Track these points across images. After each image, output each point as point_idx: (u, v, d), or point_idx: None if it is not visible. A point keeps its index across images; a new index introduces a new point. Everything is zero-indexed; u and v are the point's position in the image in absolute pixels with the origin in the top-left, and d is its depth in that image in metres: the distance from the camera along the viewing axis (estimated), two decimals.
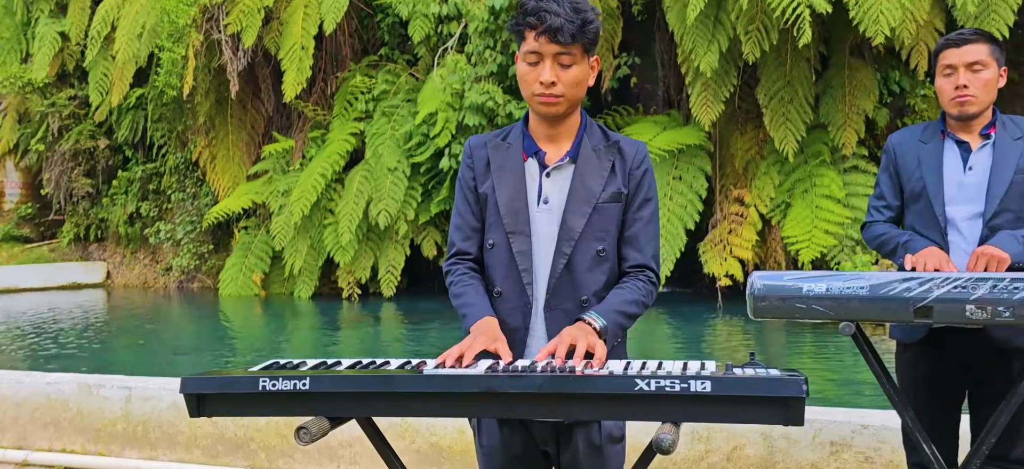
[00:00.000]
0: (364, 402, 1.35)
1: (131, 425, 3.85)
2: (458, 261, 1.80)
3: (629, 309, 1.69)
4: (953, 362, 2.39)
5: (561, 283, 1.69)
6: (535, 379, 1.30)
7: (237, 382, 1.38)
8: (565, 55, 1.66)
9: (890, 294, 2.03)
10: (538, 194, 1.73)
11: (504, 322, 1.71)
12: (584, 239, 1.70)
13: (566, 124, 1.76)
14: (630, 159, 1.75)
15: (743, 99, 11.25)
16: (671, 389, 1.24)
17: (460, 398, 1.32)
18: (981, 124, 2.40)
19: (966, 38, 2.36)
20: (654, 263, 1.77)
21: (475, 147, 1.81)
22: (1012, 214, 2.32)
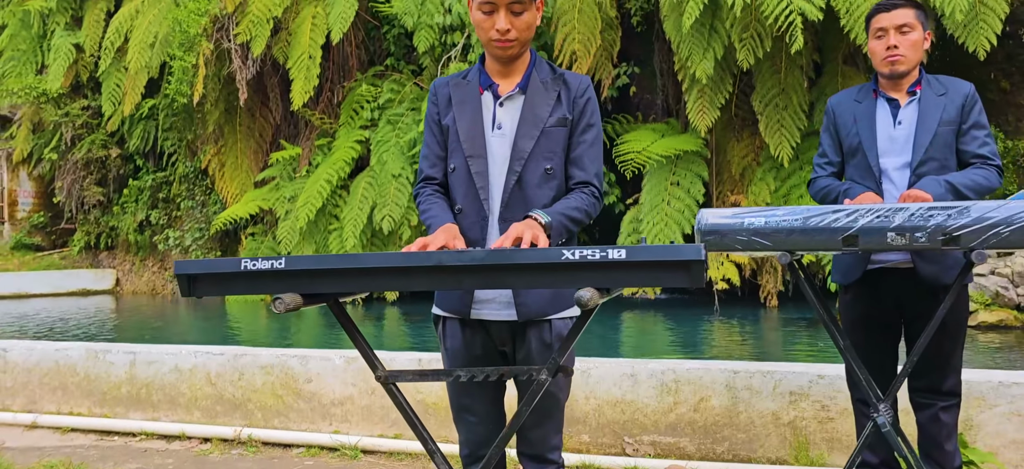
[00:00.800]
0: (333, 278, 1.55)
1: (135, 388, 4.05)
2: (425, 185, 2.02)
3: (573, 213, 1.89)
4: (888, 301, 2.58)
5: (513, 198, 1.90)
6: (477, 254, 1.50)
7: (222, 264, 1.59)
8: (516, 4, 1.88)
9: (820, 225, 2.23)
10: (492, 121, 1.94)
11: (465, 235, 1.92)
12: (533, 159, 1.90)
13: (517, 62, 1.98)
14: (574, 89, 1.97)
15: (739, 106, 11.47)
16: (592, 258, 1.44)
17: (416, 272, 1.52)
18: (908, 82, 2.61)
19: (895, 3, 2.57)
20: (596, 181, 1.98)
21: (439, 86, 2.04)
22: (937, 162, 2.53)
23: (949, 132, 2.54)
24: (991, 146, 2.57)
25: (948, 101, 2.57)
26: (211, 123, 14.45)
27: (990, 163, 2.54)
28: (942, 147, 2.52)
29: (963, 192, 2.48)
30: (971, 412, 3.00)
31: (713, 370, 3.29)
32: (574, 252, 1.46)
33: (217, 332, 10.69)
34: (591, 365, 3.46)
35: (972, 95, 2.58)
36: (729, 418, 3.26)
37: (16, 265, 17.72)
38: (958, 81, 2.63)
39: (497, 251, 1.50)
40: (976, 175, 2.51)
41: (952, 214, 2.12)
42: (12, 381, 4.30)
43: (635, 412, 3.37)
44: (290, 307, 1.55)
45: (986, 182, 2.51)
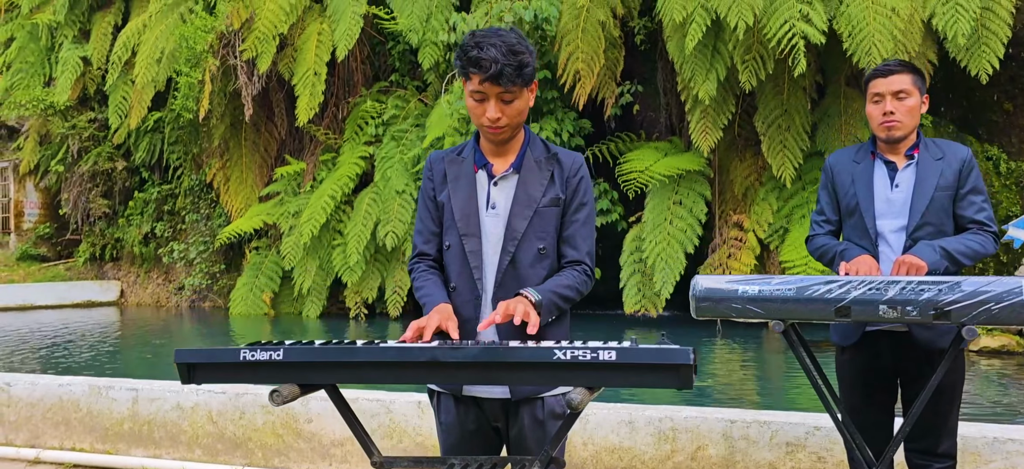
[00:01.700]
0: (329, 370, 1.59)
1: (137, 425, 4.09)
2: (420, 260, 2.05)
3: (564, 291, 1.93)
4: (884, 364, 2.60)
5: (507, 278, 1.93)
6: (471, 350, 1.53)
7: (222, 353, 1.62)
8: (506, 93, 1.91)
9: (814, 295, 2.26)
10: (487, 200, 1.97)
11: (458, 313, 1.95)
12: (526, 239, 1.94)
13: (512, 141, 2.01)
14: (567, 168, 2.00)
15: (742, 126, 11.49)
16: (583, 358, 1.47)
17: (410, 366, 1.55)
18: (906, 146, 2.64)
19: (892, 69, 2.60)
20: (588, 259, 2.01)
21: (435, 161, 2.07)
22: (933, 227, 2.55)
23: (946, 197, 2.57)
24: (988, 212, 2.59)
25: (945, 166, 2.59)
26: (217, 137, 14.53)
27: (986, 229, 2.56)
28: (938, 211, 2.54)
29: (958, 258, 2.50)
30: (967, 467, 3.01)
31: (710, 419, 3.32)
32: (565, 352, 1.49)
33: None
34: (589, 411, 3.48)
35: (969, 160, 2.61)
36: (726, 467, 3.28)
37: (22, 276, 17.81)
38: (956, 145, 2.65)
39: (490, 349, 1.53)
40: (972, 241, 2.54)
41: (943, 289, 2.15)
42: (15, 415, 4.34)
43: (633, 459, 3.39)
44: (287, 399, 1.59)
45: (981, 248, 2.54)
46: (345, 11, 12.91)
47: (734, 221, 11.35)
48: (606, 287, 12.95)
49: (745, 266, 10.88)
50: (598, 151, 12.16)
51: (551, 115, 12.15)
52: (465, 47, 1.91)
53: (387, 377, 1.57)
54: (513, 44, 1.89)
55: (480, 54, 1.87)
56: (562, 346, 1.50)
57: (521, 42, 1.92)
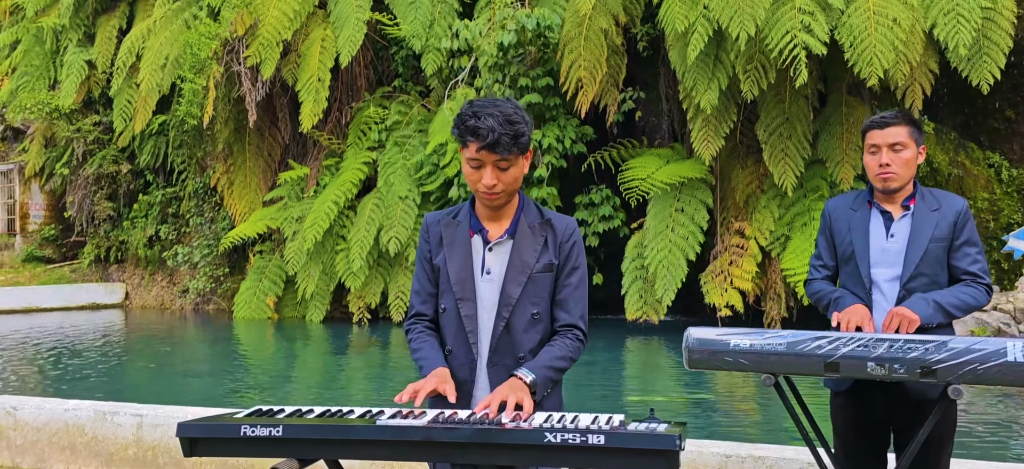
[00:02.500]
0: (327, 447, 1.64)
1: (142, 450, 4.15)
2: (416, 321, 2.10)
3: (557, 364, 1.98)
4: (877, 411, 2.65)
5: (501, 342, 1.98)
6: (465, 431, 1.59)
7: (223, 428, 1.67)
8: (502, 162, 1.97)
9: (804, 351, 2.30)
10: (482, 266, 2.02)
11: (454, 376, 2.00)
12: (520, 304, 1.99)
13: (506, 206, 2.06)
14: (561, 234, 2.05)
15: (744, 134, 11.52)
16: (573, 441, 1.52)
17: (405, 445, 1.61)
18: (903, 196, 2.67)
19: (888, 122, 2.63)
20: (581, 323, 2.06)
21: (431, 224, 2.12)
22: (927, 278, 2.59)
23: (940, 248, 2.60)
24: (982, 264, 2.62)
25: (941, 217, 2.62)
26: (221, 142, 14.60)
27: (979, 281, 2.59)
28: (933, 263, 2.58)
29: (950, 311, 2.54)
30: None
31: (706, 453, 3.36)
32: (556, 436, 1.54)
33: (223, 356, 10.82)
34: None
35: (965, 213, 2.63)
36: None
37: (27, 277, 17.92)
38: (951, 197, 2.68)
39: (484, 430, 1.58)
40: (964, 293, 2.57)
41: (929, 348, 2.19)
42: (22, 439, 4.41)
43: None
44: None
45: (973, 301, 2.57)
46: (348, 17, 12.96)
47: (736, 228, 11.38)
48: (608, 292, 13.01)
49: (747, 273, 10.92)
50: (600, 158, 12.20)
51: (553, 122, 12.20)
52: (463, 116, 1.96)
53: (383, 454, 1.63)
54: (510, 114, 1.94)
55: (478, 123, 1.92)
56: (553, 428, 1.55)
57: (518, 112, 1.97)
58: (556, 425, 1.60)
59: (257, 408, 1.86)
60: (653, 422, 1.66)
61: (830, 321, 2.66)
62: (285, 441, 1.64)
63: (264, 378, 9.02)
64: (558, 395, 2.06)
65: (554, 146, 11.92)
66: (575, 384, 8.23)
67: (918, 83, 9.60)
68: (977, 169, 11.75)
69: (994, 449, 5.06)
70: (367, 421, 1.66)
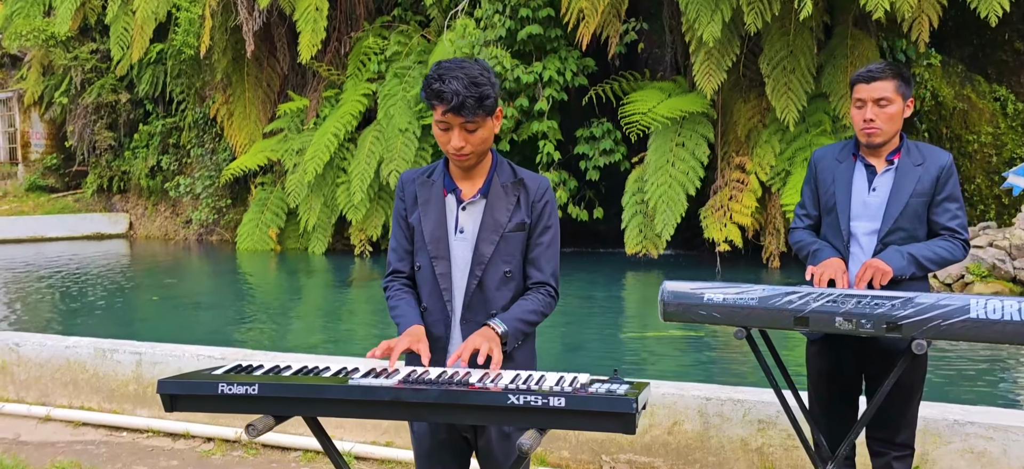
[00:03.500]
0: (300, 405, 1.71)
1: (141, 387, 4.27)
2: (394, 278, 2.15)
3: (529, 317, 2.03)
4: (849, 360, 2.71)
5: (474, 300, 2.03)
6: (431, 392, 1.65)
7: (201, 386, 1.74)
8: (470, 123, 1.98)
9: (775, 305, 2.35)
10: (455, 225, 2.06)
11: (430, 332, 2.06)
12: (493, 263, 2.03)
13: (479, 166, 2.09)
14: (533, 193, 2.08)
15: (747, 67, 11.37)
16: (535, 404, 1.58)
17: (375, 404, 1.67)
18: (888, 150, 2.67)
19: (874, 75, 2.61)
20: (553, 280, 2.11)
21: (406, 182, 2.15)
22: (905, 233, 2.61)
23: (921, 203, 2.61)
24: (961, 219, 2.64)
25: (924, 172, 2.62)
26: (219, 72, 14.48)
27: (957, 237, 2.61)
28: (912, 217, 2.59)
29: (925, 264, 2.57)
30: (927, 447, 3.15)
31: (686, 396, 3.45)
32: (519, 397, 1.60)
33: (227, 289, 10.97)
34: None
35: (948, 167, 2.63)
36: (701, 442, 3.43)
37: (31, 207, 18.04)
38: (936, 151, 2.68)
39: (450, 391, 1.64)
40: (940, 248, 2.59)
41: (896, 305, 2.24)
42: (26, 374, 4.53)
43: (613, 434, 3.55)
44: (262, 431, 1.71)
45: (949, 255, 2.59)
46: None
47: (736, 163, 11.34)
48: (608, 226, 13.07)
49: (746, 208, 10.93)
50: (602, 91, 12.08)
51: (554, 54, 12.05)
52: (429, 79, 1.97)
53: (355, 412, 1.69)
54: (475, 76, 1.95)
55: (442, 87, 1.93)
56: (518, 390, 1.61)
57: (484, 74, 1.97)
58: (521, 386, 1.66)
59: (237, 364, 1.92)
60: (616, 382, 1.72)
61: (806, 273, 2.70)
62: (261, 399, 1.70)
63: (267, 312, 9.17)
64: (531, 347, 2.12)
65: (555, 79, 11.81)
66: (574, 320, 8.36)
67: (925, 14, 9.42)
68: (982, 102, 11.62)
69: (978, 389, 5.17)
70: (340, 380, 1.73)
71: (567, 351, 7.03)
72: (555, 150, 11.95)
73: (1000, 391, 5.23)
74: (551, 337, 7.55)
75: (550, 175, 12.01)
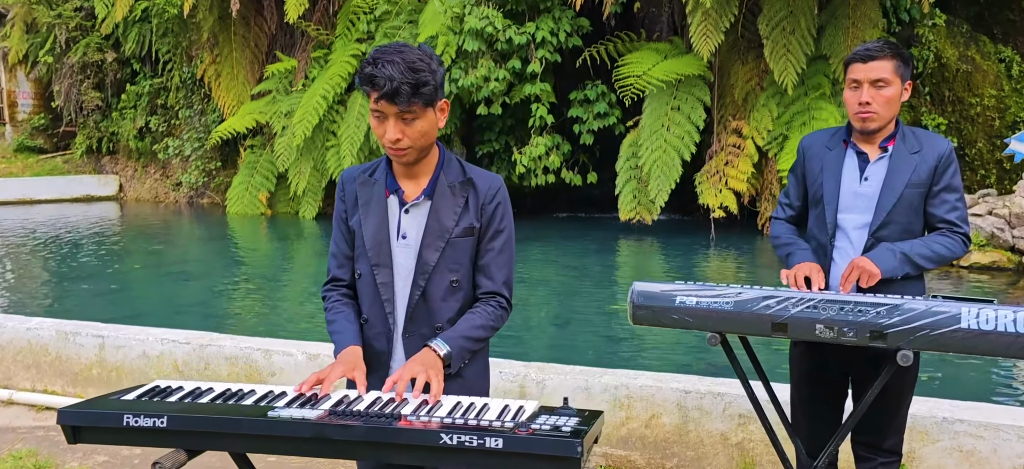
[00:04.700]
0: (213, 439, 1.55)
1: (105, 371, 4.13)
2: (333, 288, 1.97)
3: (476, 333, 1.85)
4: (834, 362, 2.54)
5: (418, 311, 1.86)
6: (358, 429, 1.48)
7: (105, 417, 1.58)
8: (406, 113, 1.78)
9: (752, 310, 2.18)
10: (397, 229, 1.87)
11: (371, 346, 1.89)
12: (438, 271, 1.85)
13: (424, 163, 1.89)
14: (483, 194, 1.88)
15: (746, 28, 11.06)
16: (469, 445, 1.42)
17: (295, 441, 1.51)
18: (881, 137, 2.45)
19: (872, 54, 2.38)
20: (505, 289, 1.92)
21: (347, 181, 1.95)
22: (899, 226, 2.40)
23: (917, 195, 2.40)
24: (961, 211, 2.42)
25: (920, 160, 2.41)
26: (205, 31, 14.15)
27: (956, 230, 2.40)
28: (907, 210, 2.38)
29: (920, 263, 2.37)
30: (915, 445, 3.01)
31: (665, 388, 3.30)
32: (452, 437, 1.44)
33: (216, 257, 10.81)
34: (545, 376, 3.48)
35: (947, 156, 2.42)
36: (679, 436, 3.29)
37: (20, 168, 17.81)
38: (935, 138, 2.47)
39: (377, 429, 1.48)
40: (937, 244, 2.39)
41: (881, 312, 2.07)
42: None
43: None
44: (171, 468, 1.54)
45: (947, 252, 2.39)
46: None
47: (733, 127, 11.09)
48: (602, 190, 12.86)
49: (742, 173, 10.71)
50: (596, 52, 11.78)
51: (548, 13, 11.72)
52: (364, 63, 1.78)
53: (273, 448, 1.53)
54: (413, 62, 1.76)
55: (375, 71, 1.74)
56: (454, 425, 1.45)
57: (424, 60, 1.78)
58: (457, 421, 1.50)
59: (155, 384, 1.75)
60: (564, 415, 1.55)
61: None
62: (169, 432, 1.54)
63: (254, 282, 9.02)
64: (482, 362, 1.95)
65: (548, 40, 11.50)
66: (564, 292, 8.21)
67: None
68: (987, 64, 11.33)
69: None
70: (259, 411, 1.56)
71: (555, 326, 6.89)
72: (548, 113, 11.70)
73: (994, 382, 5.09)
74: (539, 310, 7.40)
75: (543, 139, 11.79)
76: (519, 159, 11.91)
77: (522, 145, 12.17)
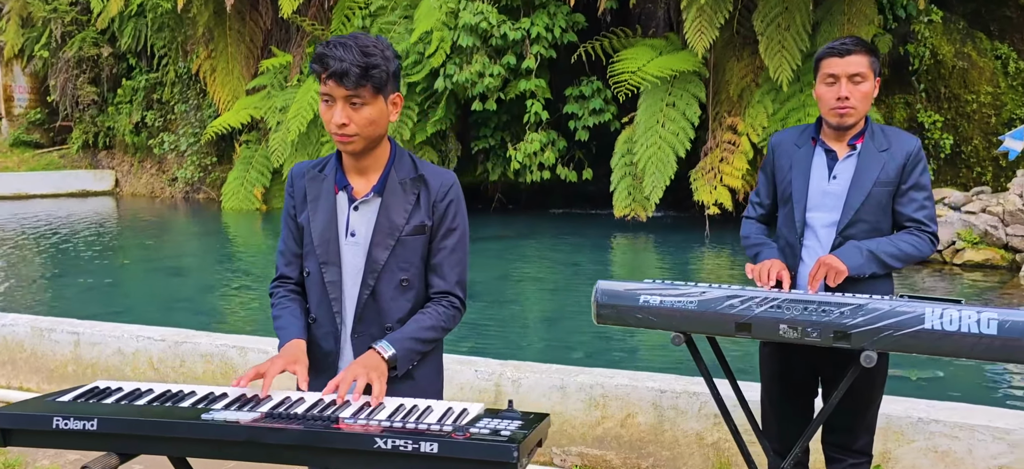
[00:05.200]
0: (145, 442, 1.51)
1: (81, 368, 4.10)
2: (280, 285, 1.93)
3: (425, 334, 1.81)
4: (802, 362, 2.50)
5: (367, 311, 1.81)
6: (292, 433, 1.45)
7: (34, 420, 1.54)
8: (355, 97, 1.75)
9: (716, 310, 2.13)
10: (346, 227, 1.83)
11: (318, 345, 1.85)
12: (388, 270, 1.80)
13: (374, 157, 1.84)
14: (435, 191, 1.83)
15: (741, 24, 11.00)
16: (404, 449, 1.38)
17: (228, 444, 1.47)
18: (851, 134, 2.42)
19: (848, 48, 2.34)
20: (458, 289, 1.88)
21: (296, 177, 1.91)
22: (867, 225, 2.36)
23: (885, 193, 2.36)
24: (929, 210, 2.39)
25: (889, 158, 2.37)
26: (201, 26, 14.10)
27: (924, 229, 2.37)
28: (875, 208, 2.35)
29: (887, 262, 2.33)
30: (890, 445, 2.97)
31: (640, 388, 3.26)
32: (387, 441, 1.40)
33: (209, 252, 10.78)
34: (520, 374, 3.44)
35: (916, 153, 2.38)
36: (654, 435, 3.25)
37: (16, 163, 17.79)
38: (904, 136, 2.43)
39: (312, 433, 1.44)
40: (904, 243, 2.35)
41: (845, 312, 2.02)
42: None
43: (564, 423, 3.37)
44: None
45: (914, 251, 2.36)
46: None
47: (728, 124, 11.03)
48: (598, 187, 12.80)
49: (737, 170, 10.66)
50: (591, 48, 11.73)
51: (543, 9, 11.66)
52: (318, 47, 1.76)
53: (206, 452, 1.49)
54: (367, 47, 1.73)
55: (327, 51, 1.72)
56: (391, 430, 1.41)
57: (378, 47, 1.74)
58: (396, 425, 1.46)
59: (95, 384, 1.72)
60: (507, 418, 1.51)
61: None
62: (99, 435, 1.50)
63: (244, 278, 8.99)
64: (435, 363, 1.91)
65: (543, 35, 11.44)
66: (556, 288, 8.18)
67: None
68: (983, 61, 11.26)
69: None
70: (193, 413, 1.52)
71: (544, 323, 6.85)
72: (543, 109, 11.65)
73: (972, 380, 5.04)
74: (530, 307, 7.37)
75: (538, 135, 11.74)
76: (514, 155, 11.86)
77: (517, 141, 12.12)
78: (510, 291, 8.09)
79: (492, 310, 7.33)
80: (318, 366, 1.84)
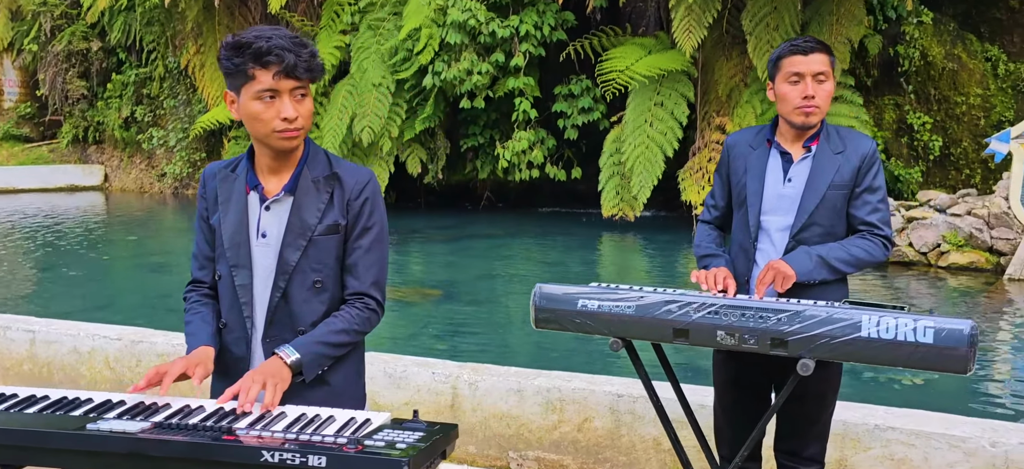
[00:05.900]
0: (27, 454, 1.45)
1: (37, 366, 4.03)
2: (193, 289, 1.87)
3: (336, 338, 1.74)
4: (755, 367, 2.44)
5: (278, 314, 1.76)
6: (178, 445, 1.38)
7: None
8: (300, 89, 1.70)
9: (653, 315, 2.08)
10: (257, 228, 1.77)
11: (229, 351, 1.79)
12: (300, 272, 1.74)
13: (288, 157, 1.79)
14: (350, 189, 1.77)
15: (730, 24, 10.93)
16: (291, 462, 1.32)
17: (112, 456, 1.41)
18: (807, 135, 2.37)
19: (812, 47, 2.29)
20: (374, 290, 1.81)
21: (208, 178, 1.85)
22: (821, 228, 2.30)
23: (839, 196, 2.31)
24: (883, 213, 2.33)
25: (844, 161, 2.32)
26: (189, 20, 14.03)
27: (877, 233, 2.31)
28: (829, 211, 2.29)
29: (838, 267, 2.27)
30: (847, 452, 2.91)
31: (598, 392, 3.20)
32: (273, 455, 1.34)
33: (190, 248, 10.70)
34: (478, 377, 3.37)
35: (871, 155, 2.32)
36: (611, 440, 3.19)
37: (5, 157, 17.71)
38: (860, 137, 2.37)
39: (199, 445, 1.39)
40: (856, 248, 2.30)
41: (782, 319, 1.97)
42: None
43: (520, 428, 3.31)
44: None
45: (866, 255, 2.30)
46: None
47: (717, 124, 10.97)
48: (587, 186, 12.74)
49: None
50: (581, 46, 11.66)
51: (532, 7, 11.59)
52: (245, 43, 1.67)
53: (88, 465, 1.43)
54: (294, 36, 1.69)
55: (271, 44, 1.65)
56: (272, 449, 1.35)
57: (305, 37, 1.74)
58: (289, 437, 1.40)
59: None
60: (409, 429, 1.45)
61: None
62: None
63: None
64: (352, 368, 1.84)
65: (532, 33, 11.38)
66: None
67: None
68: (973, 62, 11.20)
69: None
70: (78, 423, 1.46)
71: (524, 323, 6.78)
72: (532, 108, 11.58)
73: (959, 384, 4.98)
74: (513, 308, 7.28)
75: (527, 133, 11.67)
76: (503, 153, 11.80)
77: (506, 139, 12.05)
78: (500, 289, 8.04)
79: (472, 309, 7.28)
80: (230, 372, 1.77)
